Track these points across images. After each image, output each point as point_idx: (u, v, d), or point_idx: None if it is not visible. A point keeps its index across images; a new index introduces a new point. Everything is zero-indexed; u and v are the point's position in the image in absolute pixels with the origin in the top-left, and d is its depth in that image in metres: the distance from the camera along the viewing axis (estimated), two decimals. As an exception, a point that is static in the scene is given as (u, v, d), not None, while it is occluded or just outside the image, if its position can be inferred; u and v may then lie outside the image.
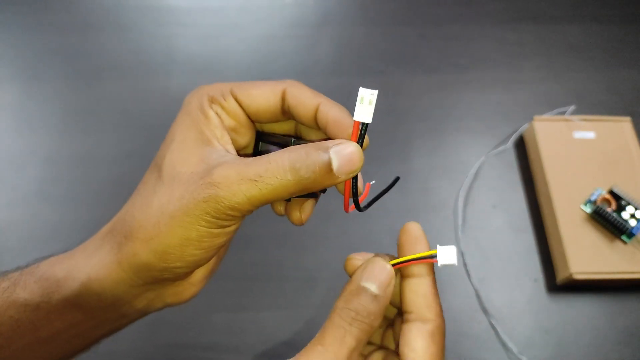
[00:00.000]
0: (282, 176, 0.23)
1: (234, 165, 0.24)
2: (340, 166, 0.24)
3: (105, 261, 0.26)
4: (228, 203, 0.23)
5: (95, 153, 0.56)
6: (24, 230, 0.51)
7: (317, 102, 0.27)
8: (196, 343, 0.46)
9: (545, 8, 0.67)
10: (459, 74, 0.62)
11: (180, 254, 0.25)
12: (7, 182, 0.54)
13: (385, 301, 0.25)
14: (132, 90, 0.60)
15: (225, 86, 0.27)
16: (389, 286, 0.25)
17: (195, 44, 0.63)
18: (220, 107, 0.27)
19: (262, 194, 0.23)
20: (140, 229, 0.25)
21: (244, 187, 0.23)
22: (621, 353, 0.47)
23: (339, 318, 0.24)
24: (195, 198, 0.24)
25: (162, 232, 0.24)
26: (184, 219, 0.24)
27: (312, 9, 0.66)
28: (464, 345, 0.47)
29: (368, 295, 0.25)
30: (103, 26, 0.64)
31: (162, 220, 0.24)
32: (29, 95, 0.59)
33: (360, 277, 0.25)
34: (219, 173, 0.24)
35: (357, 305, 0.24)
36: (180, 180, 0.25)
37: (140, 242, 0.25)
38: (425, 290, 0.26)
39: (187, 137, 0.26)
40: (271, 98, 0.27)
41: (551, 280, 0.50)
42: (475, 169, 0.56)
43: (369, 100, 0.24)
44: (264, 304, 0.48)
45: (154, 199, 0.25)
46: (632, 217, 0.49)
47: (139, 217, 0.25)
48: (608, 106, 0.60)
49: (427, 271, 0.27)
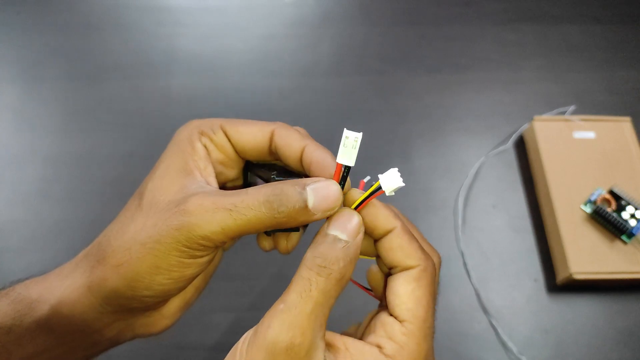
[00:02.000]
0: (256, 208, 0.23)
1: (211, 195, 0.24)
2: (316, 204, 0.24)
3: (77, 285, 0.26)
4: (201, 232, 0.23)
5: (95, 153, 0.56)
6: (25, 230, 0.51)
7: (303, 145, 0.27)
8: (198, 343, 0.46)
9: (545, 8, 0.67)
10: (459, 74, 0.62)
11: (149, 282, 0.25)
12: (7, 181, 0.54)
13: (355, 249, 0.24)
14: (132, 90, 0.60)
15: (215, 121, 0.28)
16: (359, 232, 0.24)
17: (195, 43, 0.63)
18: (209, 139, 0.28)
19: (236, 224, 0.23)
20: (112, 254, 0.25)
21: (219, 216, 0.23)
22: (621, 353, 0.47)
23: (306, 269, 0.23)
24: (169, 226, 0.24)
25: (132, 258, 0.24)
26: (155, 247, 0.24)
27: (312, 9, 0.66)
28: (463, 345, 0.47)
29: (336, 242, 0.24)
30: (104, 26, 0.64)
31: (133, 247, 0.24)
32: (30, 95, 0.59)
33: (327, 226, 0.24)
34: (194, 201, 0.24)
35: (325, 253, 0.23)
36: (157, 208, 0.25)
37: (110, 267, 0.25)
38: (398, 242, 0.25)
39: (170, 165, 0.27)
40: (259, 136, 0.28)
41: (551, 280, 0.50)
42: (475, 169, 0.56)
43: (352, 143, 0.24)
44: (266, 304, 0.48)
45: (130, 226, 0.25)
46: (632, 217, 0.49)
47: (113, 243, 0.25)
48: (608, 106, 0.60)
49: (392, 223, 0.26)
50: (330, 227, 0.24)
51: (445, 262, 0.51)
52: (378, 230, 0.26)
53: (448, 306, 0.49)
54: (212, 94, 0.59)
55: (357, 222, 0.24)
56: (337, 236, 0.24)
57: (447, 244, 0.52)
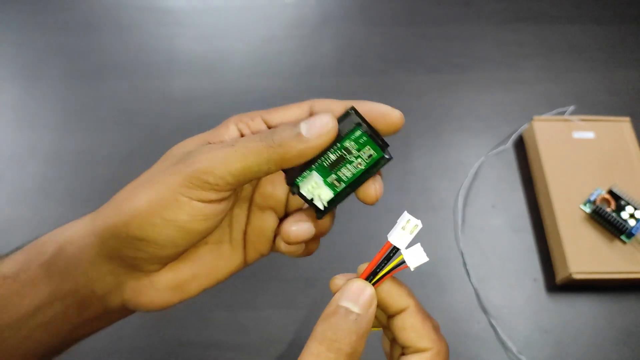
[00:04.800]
0: (254, 140, 0.24)
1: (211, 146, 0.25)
2: (309, 129, 0.24)
3: (82, 223, 0.27)
4: (204, 166, 0.24)
5: (96, 151, 0.56)
6: (25, 228, 0.52)
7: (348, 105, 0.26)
8: (198, 341, 0.47)
9: (545, 8, 0.67)
10: (459, 74, 0.62)
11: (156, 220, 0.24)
12: (8, 180, 0.54)
13: (367, 322, 0.23)
14: (133, 90, 0.60)
15: (256, 112, 0.28)
16: (371, 306, 0.24)
17: (196, 44, 0.63)
18: (246, 125, 0.27)
19: (237, 158, 0.24)
20: (118, 195, 0.26)
21: (221, 153, 0.24)
22: (620, 353, 0.47)
23: (316, 343, 0.23)
24: (175, 164, 0.25)
25: (138, 194, 0.25)
26: (162, 180, 0.24)
27: (312, 9, 0.66)
28: (463, 345, 0.47)
29: (348, 314, 0.23)
30: (104, 26, 0.64)
31: (139, 185, 0.25)
32: (30, 93, 0.59)
33: (339, 297, 0.24)
34: (201, 148, 0.25)
35: (336, 326, 0.23)
36: (172, 158, 0.26)
37: (114, 205, 0.26)
38: (411, 323, 0.25)
39: (198, 137, 0.27)
40: (299, 114, 0.27)
41: (550, 280, 0.50)
42: (475, 169, 0.56)
43: (411, 228, 0.24)
44: (266, 303, 0.48)
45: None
46: (632, 217, 0.49)
47: (122, 191, 0.26)
48: (607, 106, 0.60)
49: (406, 301, 0.25)
50: (342, 298, 0.24)
51: (444, 262, 0.52)
52: (391, 308, 0.25)
53: (448, 306, 0.49)
54: (212, 94, 0.59)
55: (370, 295, 0.24)
56: (349, 308, 0.23)
57: (447, 243, 0.52)
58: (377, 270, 0.25)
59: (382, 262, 0.25)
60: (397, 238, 0.24)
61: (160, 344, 0.46)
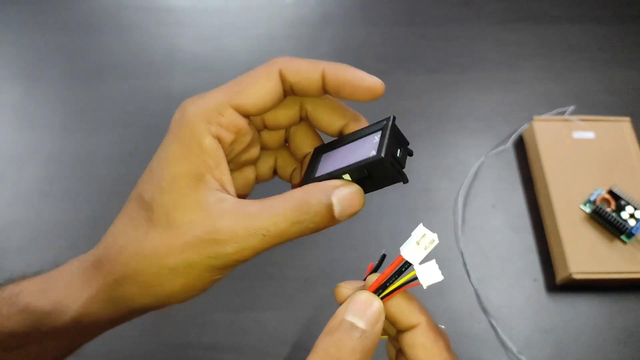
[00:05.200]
0: (287, 229, 0.24)
1: (239, 219, 0.23)
2: (341, 212, 0.24)
3: (99, 299, 0.26)
4: (235, 257, 0.24)
5: (96, 152, 0.56)
6: (26, 229, 0.52)
7: (320, 70, 0.26)
8: (198, 342, 0.47)
9: (545, 8, 0.67)
10: (459, 74, 0.62)
11: (181, 297, 0.25)
12: (8, 180, 0.54)
13: (373, 339, 0.22)
14: (133, 90, 0.60)
15: (220, 98, 0.25)
16: (378, 322, 0.23)
17: (196, 44, 0.63)
18: (218, 125, 0.25)
19: (268, 244, 0.24)
20: (137, 276, 0.25)
21: (252, 241, 0.23)
22: (620, 353, 0.47)
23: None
24: (201, 254, 0.23)
25: (164, 282, 0.24)
26: (187, 271, 0.24)
27: (312, 9, 0.66)
28: (463, 345, 0.47)
29: (353, 330, 0.22)
30: (104, 26, 0.64)
31: (162, 271, 0.24)
32: (31, 94, 0.59)
33: (344, 311, 0.23)
34: (225, 229, 0.23)
35: (339, 342, 0.22)
36: (178, 229, 0.24)
37: (138, 288, 0.25)
38: (422, 342, 0.24)
39: (178, 173, 0.24)
40: (270, 87, 0.25)
41: (550, 280, 0.50)
42: (475, 169, 0.56)
43: (426, 244, 0.23)
44: (266, 304, 0.48)
45: (147, 246, 0.24)
46: (632, 216, 0.49)
47: (132, 264, 0.24)
48: (607, 106, 0.60)
49: (417, 318, 0.24)
50: (348, 312, 0.22)
51: (445, 262, 0.52)
52: (401, 324, 0.24)
53: (448, 306, 0.49)
54: (212, 94, 0.59)
55: (378, 309, 0.23)
56: (355, 323, 0.22)
57: (447, 243, 0.52)
58: (387, 284, 0.23)
59: (393, 275, 0.23)
60: (411, 253, 0.23)
61: (160, 345, 0.46)
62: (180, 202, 0.24)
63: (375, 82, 0.26)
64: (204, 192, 0.24)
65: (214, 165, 0.25)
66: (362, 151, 0.25)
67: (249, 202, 0.24)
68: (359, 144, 0.26)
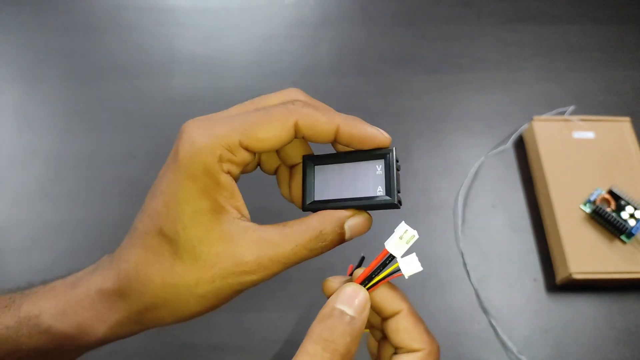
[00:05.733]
0: (305, 256, 0.26)
1: (263, 249, 0.26)
2: (352, 236, 0.27)
3: (126, 322, 0.28)
4: (259, 281, 0.26)
5: (97, 153, 0.56)
6: (26, 230, 0.52)
7: (335, 126, 0.26)
8: (201, 343, 0.47)
9: (545, 8, 0.67)
10: (459, 74, 0.62)
11: (205, 313, 0.27)
12: (8, 182, 0.54)
13: (360, 325, 0.25)
14: (133, 91, 0.60)
15: (231, 135, 0.25)
16: (365, 309, 0.25)
17: (196, 44, 0.63)
18: (230, 163, 0.26)
19: (286, 268, 0.26)
20: (166, 304, 0.27)
21: (275, 269, 0.26)
22: (620, 353, 0.47)
23: (312, 343, 0.24)
24: (230, 284, 0.26)
25: (192, 306, 0.27)
26: (215, 297, 0.26)
27: (312, 9, 0.66)
28: (463, 345, 0.47)
29: (343, 316, 0.25)
30: (104, 27, 0.64)
31: (191, 299, 0.26)
32: (31, 95, 0.59)
33: (335, 300, 0.25)
34: (252, 261, 0.26)
35: (331, 327, 0.24)
36: (205, 261, 0.25)
37: (167, 313, 0.27)
38: (404, 325, 0.27)
39: (199, 209, 0.25)
40: (283, 136, 0.26)
41: (550, 280, 0.50)
42: (475, 169, 0.56)
43: (408, 238, 0.25)
44: (269, 305, 0.48)
45: (175, 277, 0.26)
46: (632, 216, 0.49)
47: (162, 294, 0.26)
48: (607, 106, 0.60)
49: (400, 305, 0.27)
50: (338, 301, 0.25)
51: (445, 262, 0.52)
52: (385, 311, 0.27)
53: (448, 306, 0.49)
54: (212, 94, 0.59)
55: (364, 298, 0.26)
56: (344, 311, 0.25)
57: (447, 244, 0.52)
58: (373, 275, 0.26)
59: (378, 268, 0.26)
60: (394, 246, 0.25)
61: (163, 345, 0.46)
62: (206, 236, 0.25)
63: (385, 140, 0.27)
64: (227, 224, 0.26)
65: (230, 196, 0.26)
66: (367, 183, 0.27)
67: (269, 230, 0.26)
68: (361, 171, 0.28)
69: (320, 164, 0.29)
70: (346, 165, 0.28)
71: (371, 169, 0.27)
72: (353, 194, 0.27)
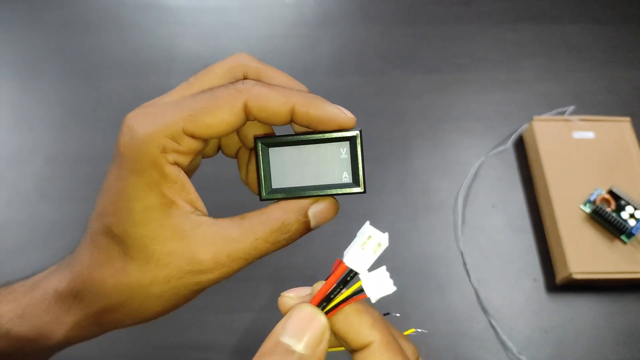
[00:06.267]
0: (267, 250, 0.24)
1: (220, 245, 0.24)
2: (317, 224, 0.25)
3: (84, 324, 0.26)
4: (219, 279, 0.24)
5: (95, 151, 0.56)
6: (24, 229, 0.51)
7: (290, 106, 0.24)
8: (194, 344, 0.46)
9: (545, 8, 0.67)
10: (458, 74, 0.62)
11: (165, 313, 0.26)
12: (6, 180, 0.54)
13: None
14: (132, 89, 0.60)
15: (173, 123, 0.23)
16: (320, 342, 0.19)
17: (195, 43, 0.63)
18: (176, 153, 0.24)
19: (248, 264, 0.24)
20: (122, 306, 0.25)
21: (234, 266, 0.24)
22: (620, 353, 0.47)
23: None
24: (186, 283, 0.24)
25: (150, 307, 0.25)
26: (173, 297, 0.25)
27: (312, 9, 0.66)
28: (463, 345, 0.47)
29: (288, 356, 0.19)
30: (103, 25, 0.64)
31: (148, 300, 0.25)
32: (29, 93, 0.59)
33: (281, 330, 0.20)
34: (208, 259, 0.24)
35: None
36: (158, 261, 0.24)
37: (125, 314, 0.26)
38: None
39: (147, 205, 0.23)
40: (232, 120, 0.23)
41: (550, 280, 0.50)
42: (475, 169, 0.56)
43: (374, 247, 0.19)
44: (262, 305, 0.48)
45: (128, 279, 0.24)
46: (632, 216, 0.49)
47: (116, 296, 0.25)
48: (607, 106, 0.60)
49: (370, 335, 0.20)
50: (285, 331, 0.20)
51: (445, 262, 0.52)
52: (351, 342, 0.21)
53: (448, 306, 0.49)
54: (211, 94, 0.59)
55: (320, 328, 0.20)
56: (291, 347, 0.19)
57: (447, 243, 0.52)
58: (332, 295, 0.20)
59: (338, 286, 0.20)
60: (355, 258, 0.19)
61: (154, 347, 0.46)
62: (157, 233, 0.23)
63: (348, 120, 0.24)
64: (179, 219, 0.24)
65: (180, 188, 0.24)
66: (330, 168, 0.25)
67: (226, 224, 0.24)
68: (323, 155, 0.25)
69: (276, 146, 0.25)
70: (306, 148, 0.25)
71: (335, 152, 0.25)
72: (316, 180, 0.24)
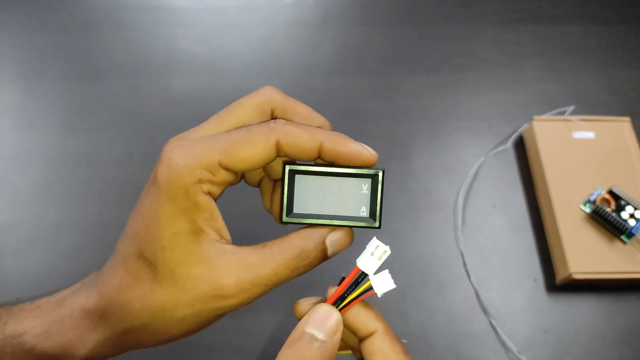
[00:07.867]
0: (287, 276, 0.26)
1: (242, 272, 0.25)
2: (334, 253, 0.27)
3: (108, 343, 0.28)
4: (240, 305, 0.26)
5: (96, 153, 0.56)
6: (26, 231, 0.51)
7: (318, 144, 0.26)
8: (197, 344, 0.46)
9: (545, 8, 0.67)
10: (459, 74, 0.62)
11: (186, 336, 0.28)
12: (8, 182, 0.54)
13: (332, 349, 0.24)
14: (133, 90, 0.60)
15: (210, 156, 0.25)
16: (336, 332, 0.25)
17: (195, 43, 0.63)
18: (210, 184, 0.26)
19: (268, 290, 0.26)
20: (146, 328, 0.27)
21: (255, 292, 0.26)
22: (620, 353, 0.47)
23: None
24: (210, 308, 0.26)
25: (172, 330, 0.27)
26: (195, 321, 0.26)
27: (312, 9, 0.66)
28: (463, 345, 0.47)
29: (313, 341, 0.24)
30: (104, 26, 0.64)
31: (171, 322, 0.26)
32: (30, 94, 0.59)
33: (305, 323, 0.25)
34: (231, 285, 0.25)
35: (300, 353, 0.23)
36: (184, 285, 0.25)
37: (148, 336, 0.27)
38: (380, 347, 0.26)
39: (177, 231, 0.25)
40: (265, 155, 0.26)
41: (550, 280, 0.50)
42: (475, 169, 0.56)
43: (379, 254, 0.25)
44: (265, 306, 0.48)
45: (154, 301, 0.26)
46: (632, 216, 0.49)
47: (141, 318, 0.26)
48: (607, 106, 0.60)
49: (374, 325, 0.26)
50: (308, 324, 0.24)
51: (445, 262, 0.52)
52: (360, 331, 0.26)
53: (448, 306, 0.49)
54: (212, 94, 0.59)
55: (336, 321, 0.25)
56: (314, 335, 0.24)
57: (447, 243, 0.52)
58: (345, 295, 0.25)
59: (351, 287, 0.25)
60: (366, 263, 0.25)
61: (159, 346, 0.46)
62: (184, 259, 0.25)
63: (371, 157, 0.26)
64: (206, 246, 0.26)
65: (209, 217, 0.26)
66: (350, 201, 0.27)
67: (249, 251, 0.26)
68: (345, 188, 0.27)
69: (302, 174, 0.27)
70: (330, 179, 0.27)
71: (357, 187, 0.27)
72: (335, 210, 0.27)
